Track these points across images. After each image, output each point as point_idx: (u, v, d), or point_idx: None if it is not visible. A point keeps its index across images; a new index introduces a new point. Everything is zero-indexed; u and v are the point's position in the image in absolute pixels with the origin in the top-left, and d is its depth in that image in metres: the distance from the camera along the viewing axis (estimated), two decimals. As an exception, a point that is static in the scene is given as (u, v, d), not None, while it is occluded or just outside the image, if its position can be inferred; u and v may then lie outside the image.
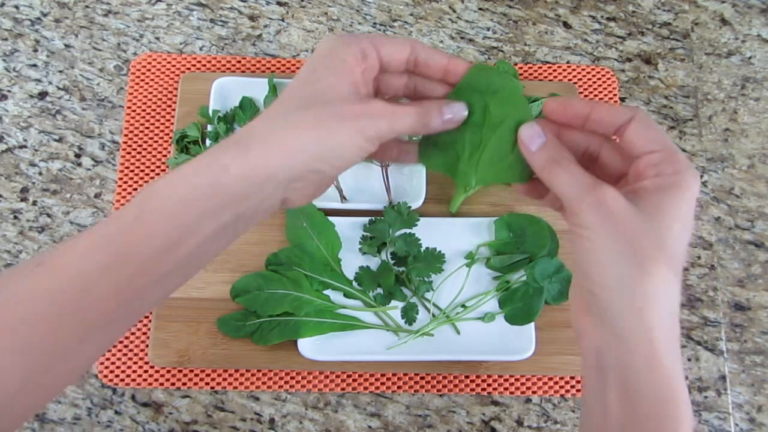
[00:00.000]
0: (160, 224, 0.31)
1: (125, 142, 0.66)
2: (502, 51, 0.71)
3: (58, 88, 0.68)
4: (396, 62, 0.37)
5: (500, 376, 0.60)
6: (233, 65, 0.69)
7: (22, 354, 0.30)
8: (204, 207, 0.32)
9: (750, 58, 0.72)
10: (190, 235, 0.32)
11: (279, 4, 0.72)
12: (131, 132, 0.66)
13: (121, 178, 0.65)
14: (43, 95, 0.68)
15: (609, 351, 0.34)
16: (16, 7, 0.70)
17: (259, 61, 0.69)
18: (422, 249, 0.61)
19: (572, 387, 0.60)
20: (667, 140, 0.34)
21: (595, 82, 0.69)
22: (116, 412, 0.59)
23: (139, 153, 0.66)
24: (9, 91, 0.68)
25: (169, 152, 0.66)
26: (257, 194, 0.33)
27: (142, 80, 0.68)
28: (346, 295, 0.60)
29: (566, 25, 0.72)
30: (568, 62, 0.70)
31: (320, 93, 0.34)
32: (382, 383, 0.60)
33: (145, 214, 0.32)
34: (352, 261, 0.61)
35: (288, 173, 0.33)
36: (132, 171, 0.65)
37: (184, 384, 0.60)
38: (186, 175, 0.32)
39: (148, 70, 0.68)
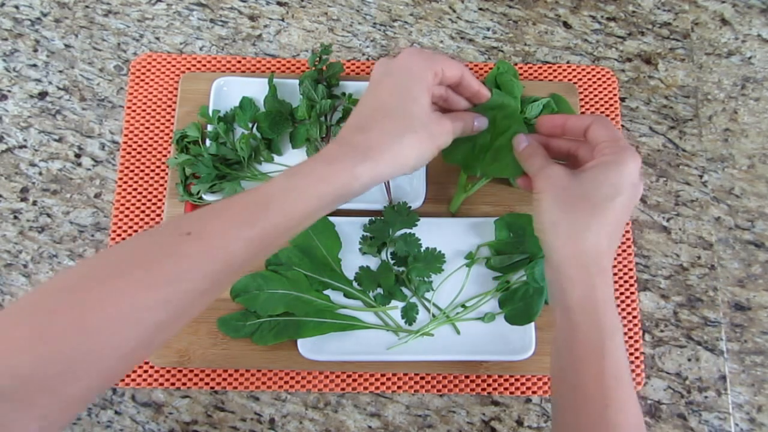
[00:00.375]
0: (297, 212, 0.40)
1: (125, 142, 0.66)
2: (502, 51, 0.71)
3: (58, 88, 0.68)
4: (449, 80, 0.48)
5: (500, 376, 0.60)
6: (233, 65, 0.69)
7: (165, 308, 0.35)
8: (329, 201, 0.41)
9: (750, 58, 0.72)
10: (310, 219, 0.41)
11: (279, 4, 0.72)
12: (131, 132, 0.66)
13: (121, 178, 0.65)
14: (43, 95, 0.68)
15: (552, 280, 0.46)
16: (16, 7, 0.70)
17: (259, 61, 0.69)
18: (422, 249, 0.61)
19: (572, 387, 0.60)
20: (614, 134, 0.46)
21: (595, 82, 0.69)
22: (116, 412, 0.59)
23: (139, 153, 0.66)
24: (9, 91, 0.68)
25: (169, 152, 0.66)
26: (365, 190, 0.43)
27: (142, 80, 0.68)
28: (346, 295, 0.60)
29: (566, 25, 0.72)
30: (568, 62, 0.70)
31: (419, 114, 0.44)
32: (382, 383, 0.60)
33: (287, 202, 0.39)
34: (352, 261, 0.61)
35: (392, 176, 0.44)
36: (132, 171, 0.65)
37: (184, 384, 0.60)
38: (325, 178, 0.41)
39: (148, 70, 0.68)
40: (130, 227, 0.63)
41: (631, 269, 0.64)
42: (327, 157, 0.42)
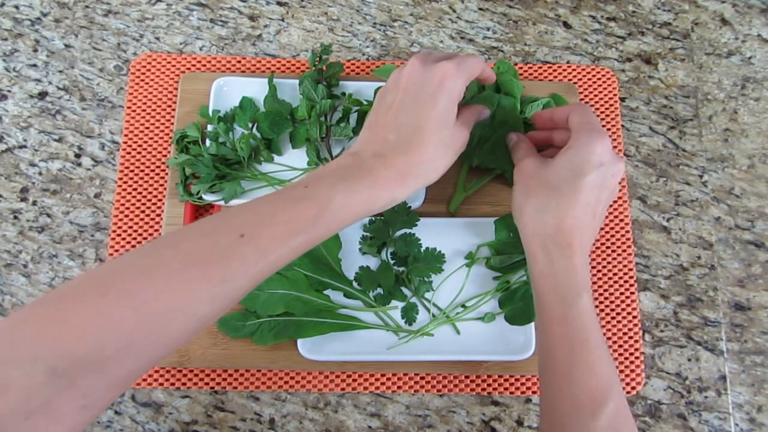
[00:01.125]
0: (340, 226, 0.43)
1: (125, 142, 0.66)
2: (502, 51, 0.71)
3: (58, 88, 0.68)
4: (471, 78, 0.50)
5: (500, 376, 0.60)
6: (233, 65, 0.69)
7: (214, 303, 0.38)
8: (367, 216, 0.45)
9: (750, 58, 0.72)
10: (345, 228, 0.44)
11: (279, 4, 0.72)
12: (131, 132, 0.66)
13: (121, 178, 0.65)
14: (43, 95, 0.68)
15: (526, 259, 0.50)
16: (16, 7, 0.70)
17: (259, 61, 0.69)
18: (422, 249, 0.60)
19: (572, 387, 0.60)
20: (587, 119, 0.50)
21: (595, 82, 0.69)
22: (116, 412, 0.59)
23: (139, 153, 0.66)
24: (9, 91, 0.68)
25: (169, 152, 0.66)
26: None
27: (142, 80, 0.68)
28: (346, 295, 0.60)
29: (566, 25, 0.72)
30: (568, 62, 0.70)
31: (451, 136, 0.47)
32: (382, 383, 0.60)
33: (335, 219, 0.42)
34: (352, 261, 0.61)
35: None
36: (132, 171, 0.65)
37: (184, 384, 0.60)
38: (371, 199, 0.44)
39: (148, 70, 0.68)
40: (130, 227, 0.63)
41: (631, 269, 0.64)
42: (373, 177, 0.44)
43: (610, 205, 0.65)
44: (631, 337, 0.62)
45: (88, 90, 0.68)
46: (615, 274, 0.64)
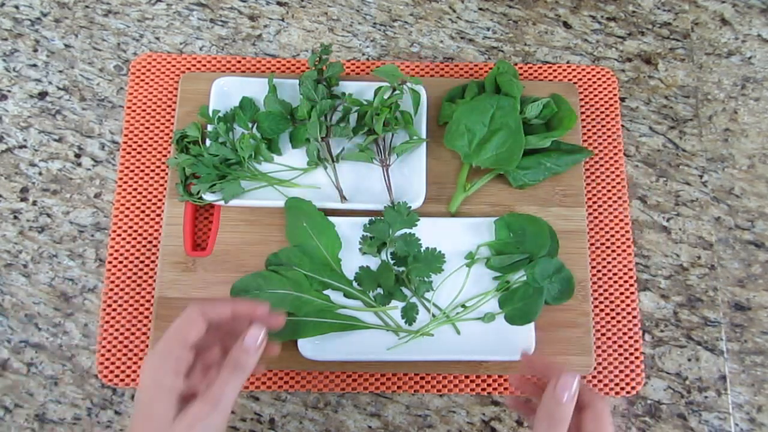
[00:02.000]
0: None
1: (125, 142, 0.66)
2: (502, 51, 0.71)
3: (58, 88, 0.68)
4: (216, 324, 0.42)
5: (500, 376, 0.60)
6: (233, 65, 0.69)
7: None
8: None
9: (750, 58, 0.72)
10: None
11: (279, 4, 0.72)
12: (131, 132, 0.66)
13: (121, 178, 0.65)
14: (43, 95, 0.68)
15: None
16: (16, 7, 0.70)
17: (259, 61, 0.69)
18: (422, 249, 0.60)
19: (572, 387, 0.60)
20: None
21: (595, 82, 0.69)
22: (116, 412, 0.59)
23: (139, 153, 0.66)
24: (9, 91, 0.68)
25: (169, 152, 0.66)
26: None
27: (142, 80, 0.68)
28: (346, 295, 0.60)
29: (566, 25, 0.72)
30: (568, 62, 0.70)
31: None
32: (382, 383, 0.60)
33: None
34: (352, 261, 0.61)
35: None
36: (132, 171, 0.65)
37: (184, 384, 0.60)
38: None
39: (148, 70, 0.68)
40: (130, 227, 0.63)
41: (631, 269, 0.64)
42: None
43: (610, 206, 0.65)
44: (631, 337, 0.62)
45: (88, 90, 0.68)
46: (615, 274, 0.64)
